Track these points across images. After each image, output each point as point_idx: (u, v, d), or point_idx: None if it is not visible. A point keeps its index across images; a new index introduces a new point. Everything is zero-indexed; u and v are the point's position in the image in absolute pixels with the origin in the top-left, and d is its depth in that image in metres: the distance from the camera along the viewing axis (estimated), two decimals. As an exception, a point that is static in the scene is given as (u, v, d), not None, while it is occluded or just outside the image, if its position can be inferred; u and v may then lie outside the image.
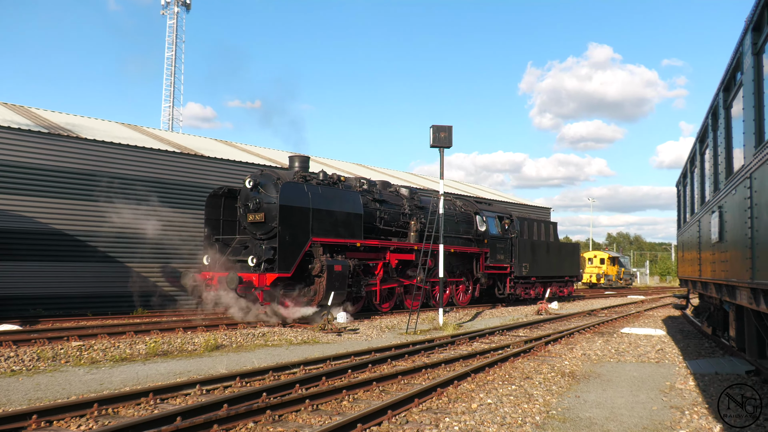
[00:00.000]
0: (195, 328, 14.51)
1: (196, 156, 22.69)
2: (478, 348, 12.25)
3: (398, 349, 11.71)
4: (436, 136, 16.95)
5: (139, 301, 20.54)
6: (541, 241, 28.04)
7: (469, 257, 24.13)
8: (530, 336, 14.27)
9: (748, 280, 5.81)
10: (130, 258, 20.80)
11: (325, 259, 16.70)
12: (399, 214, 20.21)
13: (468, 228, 23.86)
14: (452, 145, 17.01)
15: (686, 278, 13.90)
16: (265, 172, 17.18)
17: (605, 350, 12.28)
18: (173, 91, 59.68)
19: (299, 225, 16.24)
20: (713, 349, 12.39)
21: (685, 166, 13.39)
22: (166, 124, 59.45)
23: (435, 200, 23.18)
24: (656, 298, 34.50)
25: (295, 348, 12.26)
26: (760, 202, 5.27)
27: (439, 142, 16.98)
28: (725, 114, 7.55)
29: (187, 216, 22.21)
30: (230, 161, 23.67)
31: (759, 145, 5.38)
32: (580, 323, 17.95)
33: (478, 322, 18.48)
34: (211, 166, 23.05)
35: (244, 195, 17.04)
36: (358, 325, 16.07)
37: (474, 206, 24.97)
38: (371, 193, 19.59)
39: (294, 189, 16.28)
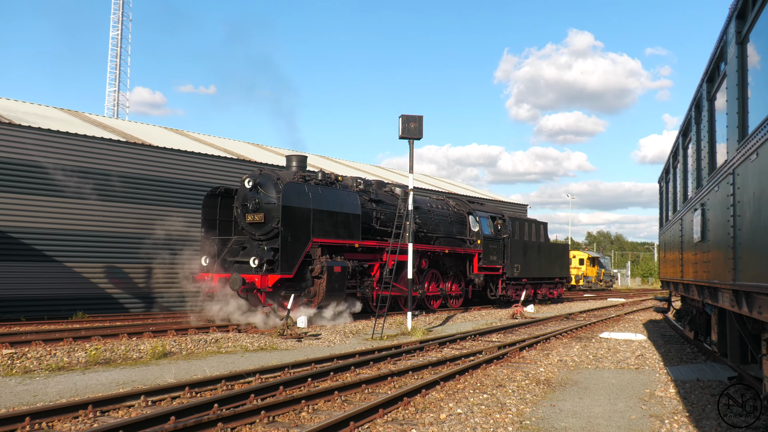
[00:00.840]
0: (141, 333, 14.32)
1: (143, 146, 22.36)
2: (449, 354, 12.33)
3: (363, 355, 11.72)
4: (405, 127, 16.98)
5: (81, 304, 20.18)
6: (532, 241, 29.06)
7: (462, 258, 25.11)
8: (504, 341, 14.41)
9: (730, 281, 5.94)
10: (69, 257, 20.41)
11: (325, 260, 17.60)
12: (394, 215, 20.99)
13: (461, 228, 24.96)
14: (423, 136, 17.07)
15: (668, 280, 14.17)
16: (264, 171, 17.93)
17: (583, 356, 12.46)
18: (119, 74, 58.73)
19: (300, 226, 17.18)
20: (695, 355, 12.67)
21: (668, 161, 13.65)
22: (110, 111, 58.45)
23: (428, 200, 24.77)
24: (637, 301, 35.15)
25: (251, 355, 12.18)
26: (743, 199, 5.39)
27: (408, 133, 17.01)
28: (708, 106, 7.71)
29: (133, 210, 21.88)
30: (181, 152, 23.38)
31: (742, 139, 5.50)
32: (556, 327, 18.19)
33: (449, 326, 18.59)
34: (160, 157, 22.74)
35: (242, 195, 17.86)
36: (320, 330, 16.04)
37: (467, 206, 25.99)
38: (367, 193, 20.56)
39: (295, 189, 17.20)
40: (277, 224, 17.01)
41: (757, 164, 4.85)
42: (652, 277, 79.94)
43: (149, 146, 22.56)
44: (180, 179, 23.34)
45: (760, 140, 4.70)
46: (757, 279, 4.90)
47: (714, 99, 7.49)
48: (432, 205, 24.14)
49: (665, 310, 17.13)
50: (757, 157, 4.84)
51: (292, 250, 16.89)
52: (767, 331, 5.90)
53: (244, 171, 25.05)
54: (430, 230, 23.26)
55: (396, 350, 12.26)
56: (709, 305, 9.61)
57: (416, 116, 17.02)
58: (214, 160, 24.42)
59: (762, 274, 4.74)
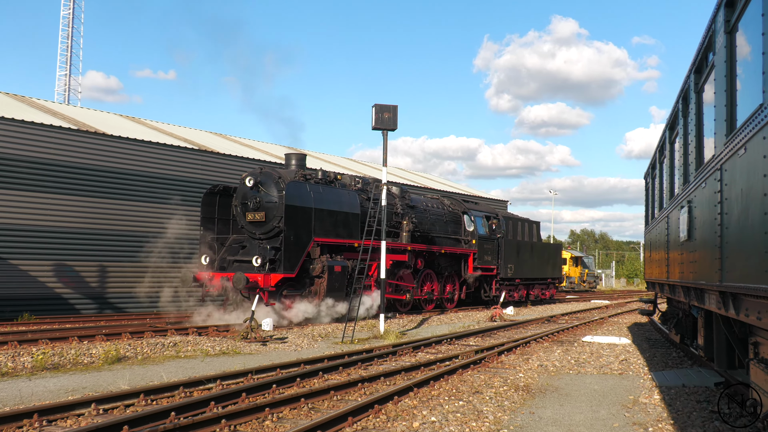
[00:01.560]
0: (93, 337, 14.16)
1: (97, 134, 22.07)
2: (423, 359, 12.38)
3: (332, 360, 11.73)
4: (378, 117, 16.98)
5: (27, 305, 19.89)
6: (525, 241, 30.40)
7: (458, 258, 26.28)
8: (481, 345, 14.51)
9: (716, 282, 6.05)
10: (13, 254, 20.08)
11: (326, 260, 18.68)
12: (392, 214, 22.17)
13: (456, 228, 26.30)
14: (397, 127, 17.09)
15: (654, 281, 14.38)
16: (265, 170, 18.90)
17: (564, 361, 12.59)
18: (70, 56, 57.88)
19: (302, 225, 18.27)
20: (681, 359, 12.87)
21: (654, 156, 13.83)
22: (61, 96, 57.58)
23: (423, 199, 25.88)
24: (622, 303, 35.61)
25: (212, 360, 12.11)
26: (730, 196, 5.49)
27: (382, 124, 17.02)
28: (696, 98, 7.82)
29: (86, 204, 21.61)
30: (138, 141, 23.14)
31: (730, 133, 5.60)
32: (537, 331, 18.35)
33: (424, 329, 18.66)
34: (116, 147, 22.47)
35: (242, 193, 18.83)
36: (287, 333, 16.01)
37: (462, 205, 27.29)
38: (366, 192, 21.47)
39: (298, 188, 18.31)
40: (278, 223, 18.05)
41: (745, 160, 4.94)
42: (637, 278, 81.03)
43: (103, 135, 22.29)
44: (138, 171, 23.13)
45: (749, 134, 4.79)
46: (743, 279, 4.99)
47: (702, 91, 7.61)
48: (428, 205, 25.19)
49: (651, 313, 17.39)
50: (745, 152, 4.92)
51: (294, 250, 17.97)
52: (754, 334, 6.01)
53: (208, 163, 24.90)
54: (426, 230, 24.39)
55: (367, 355, 12.28)
56: (695, 307, 9.77)
57: (390, 106, 17.03)
58: (175, 151, 24.22)
59: (749, 274, 4.83)
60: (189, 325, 16.98)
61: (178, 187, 23.97)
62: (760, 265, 4.45)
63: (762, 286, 4.35)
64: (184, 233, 23.53)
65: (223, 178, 25.12)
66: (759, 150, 4.51)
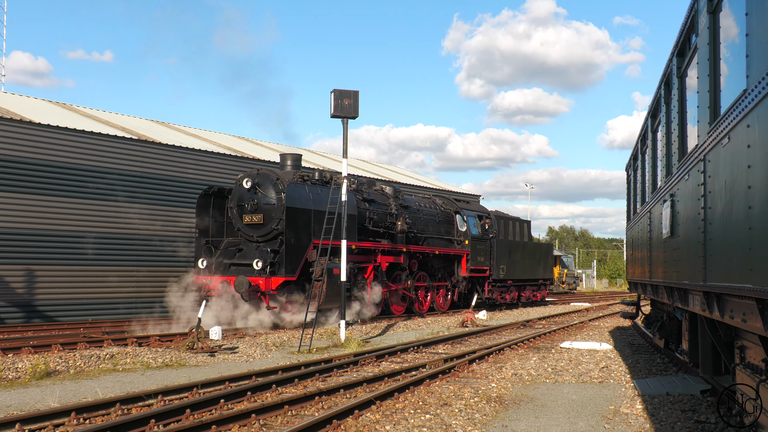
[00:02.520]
0: (19, 349, 13.92)
1: (21, 122, 21.67)
2: (387, 369, 12.40)
3: (287, 371, 11.69)
4: (338, 104, 16.95)
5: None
6: (517, 241, 32.13)
7: (450, 259, 27.89)
8: (451, 353, 14.58)
9: (700, 282, 6.15)
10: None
11: (325, 262, 19.39)
12: (386, 214, 23.81)
13: (449, 228, 27.90)
14: (358, 114, 17.09)
15: (636, 281, 14.59)
16: (263, 171, 20.17)
17: (540, 369, 12.72)
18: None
19: (303, 227, 19.52)
20: (665, 366, 13.08)
21: (636, 146, 14.02)
22: (-17, 80, 56.33)
23: (416, 199, 27.26)
24: (604, 306, 36.07)
25: (154, 373, 11.98)
26: (714, 189, 5.58)
27: (342, 111, 16.99)
28: (679, 84, 7.95)
29: (8, 201, 21.20)
30: (68, 130, 22.76)
31: (714, 121, 5.69)
32: (512, 337, 18.50)
33: (390, 336, 18.70)
34: (42, 136, 22.07)
35: (238, 195, 20.11)
36: (238, 343, 15.92)
37: (454, 205, 28.88)
38: (360, 192, 22.98)
39: (298, 190, 19.61)
40: (276, 225, 19.36)
41: (729, 150, 5.03)
42: (620, 279, 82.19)
43: (29, 123, 21.87)
44: (70, 163, 22.73)
45: (732, 122, 4.87)
46: (728, 279, 5.08)
47: (685, 75, 7.73)
48: (420, 204, 26.72)
49: (633, 316, 17.65)
50: (729, 142, 5.01)
51: (295, 252, 19.20)
52: (740, 337, 6.13)
53: (149, 154, 24.60)
54: (420, 230, 25.89)
55: (326, 365, 12.26)
56: (679, 309, 9.94)
57: (351, 91, 17.01)
58: (111, 141, 23.84)
59: (733, 273, 4.92)
60: (128, 334, 16.79)
61: (117, 182, 23.65)
62: (744, 263, 4.53)
63: (746, 286, 4.44)
64: (130, 232, 23.32)
65: (167, 171, 24.86)
66: (743, 139, 4.59)
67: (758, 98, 4.19)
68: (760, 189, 4.20)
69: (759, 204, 4.22)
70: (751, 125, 4.38)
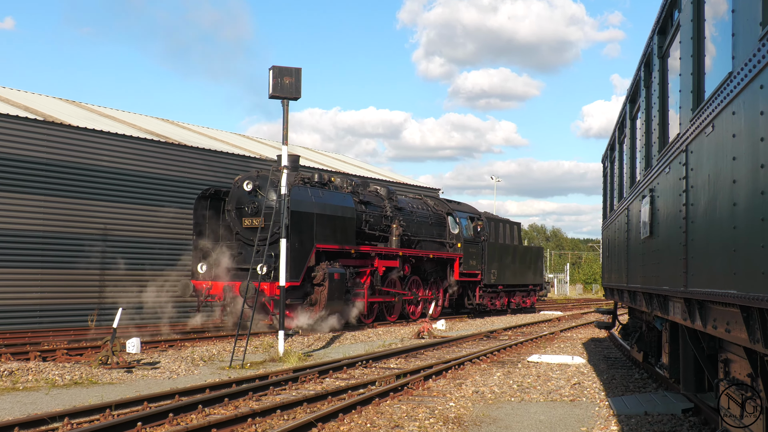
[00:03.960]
0: None
1: None
2: (331, 386, 12.39)
3: (216, 389, 11.61)
4: (277, 83, 16.86)
5: None
6: (507, 244, 34.54)
7: (443, 263, 30.21)
8: (405, 368, 14.63)
9: (681, 288, 6.26)
10: None
11: (326, 267, 21.97)
12: (381, 217, 26.04)
13: (441, 231, 30.26)
14: (301, 95, 17.03)
15: (613, 287, 14.81)
16: (262, 173, 22.23)
17: (505, 386, 12.83)
18: None
19: (306, 231, 21.51)
20: (644, 382, 13.30)
21: (613, 135, 14.23)
22: None
23: (408, 200, 29.62)
24: (577, 315, 36.56)
25: (61, 392, 11.81)
26: (697, 183, 5.68)
27: (281, 92, 16.91)
28: (660, 65, 8.08)
29: None
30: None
31: (697, 107, 5.79)
32: (473, 350, 18.64)
33: (335, 349, 18.70)
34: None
35: (236, 197, 22.23)
36: (160, 357, 15.77)
37: (446, 206, 31.39)
38: (357, 194, 25.06)
39: (302, 193, 21.56)
40: (278, 229, 20.05)
41: (713, 139, 5.12)
42: (597, 284, 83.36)
43: None
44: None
45: (717, 109, 4.96)
46: (710, 284, 5.17)
47: (667, 56, 7.86)
48: (413, 206, 29.09)
49: (609, 326, 17.89)
50: (713, 131, 5.11)
51: (298, 257, 21.10)
52: (724, 350, 6.26)
53: (60, 139, 24.16)
54: (413, 233, 28.05)
55: (261, 382, 12.21)
56: (659, 319, 10.11)
57: (292, 69, 16.92)
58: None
59: (716, 277, 5.01)
60: (31, 348, 16.50)
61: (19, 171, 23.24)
62: (728, 266, 4.62)
63: (730, 292, 4.52)
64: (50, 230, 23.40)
65: (76, 156, 24.48)
66: (728, 128, 4.68)
67: (744, 82, 4.27)
68: (745, 184, 4.28)
69: (744, 200, 4.30)
70: (737, 112, 4.46)
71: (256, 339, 19.75)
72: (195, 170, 27.36)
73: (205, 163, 27.69)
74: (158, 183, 26.19)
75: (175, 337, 20.08)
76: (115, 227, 24.76)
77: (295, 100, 17.11)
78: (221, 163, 28.36)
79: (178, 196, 26.69)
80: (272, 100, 17.17)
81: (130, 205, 25.24)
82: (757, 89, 4.03)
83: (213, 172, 27.75)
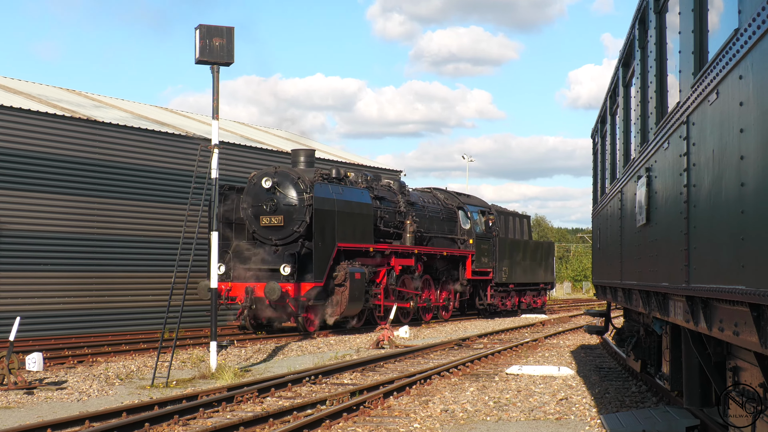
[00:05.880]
0: None
1: None
2: (273, 407, 12.37)
3: (134, 413, 11.55)
4: (205, 45, 16.77)
5: None
6: (518, 240, 37.43)
7: (455, 261, 33.18)
8: (361, 384, 14.63)
9: (683, 284, 6.31)
10: None
11: (347, 266, 24.67)
12: (395, 213, 28.84)
13: (452, 226, 33.26)
14: (234, 60, 16.96)
15: (605, 284, 14.93)
16: (280, 170, 24.87)
17: (479, 403, 12.89)
18: None
19: (328, 230, 24.19)
20: (642, 395, 13.44)
21: (604, 105, 14.32)
22: None
23: (419, 193, 32.53)
24: (565, 318, 36.85)
25: (-56, 419, 11.66)
26: (699, 161, 5.73)
27: (211, 56, 16.83)
28: (657, 21, 8.12)
29: None
30: None
31: (699, 71, 5.83)
32: (442, 361, 18.71)
33: (278, 362, 18.68)
34: None
35: (254, 194, 24.74)
36: (67, 375, 15.63)
37: (456, 199, 34.48)
38: (371, 189, 27.60)
39: (324, 191, 24.28)
40: (298, 228, 23.98)
41: (718, 108, 5.15)
42: (588, 281, 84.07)
43: None
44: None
45: (722, 72, 4.98)
46: (716, 279, 5.21)
47: (665, 10, 7.90)
48: (425, 200, 32.01)
49: (602, 330, 18.04)
50: (718, 98, 5.13)
51: (322, 257, 23.78)
52: (733, 355, 6.32)
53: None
54: (426, 229, 30.88)
55: (189, 403, 12.17)
56: (658, 321, 10.20)
57: (223, 28, 16.84)
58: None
59: (722, 271, 5.04)
60: None
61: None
62: (736, 257, 4.65)
63: (737, 288, 4.55)
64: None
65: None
66: (734, 94, 4.70)
67: (753, 40, 4.26)
68: (755, 160, 4.28)
69: (754, 180, 4.30)
70: (744, 76, 4.47)
71: (184, 352, 19.63)
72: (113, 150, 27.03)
73: (120, 142, 27.32)
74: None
75: (86, 351, 19.90)
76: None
77: (227, 66, 17.04)
78: (136, 141, 27.94)
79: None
80: (200, 65, 17.05)
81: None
82: (767, 49, 4.04)
83: (129, 151, 27.43)
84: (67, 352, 19.73)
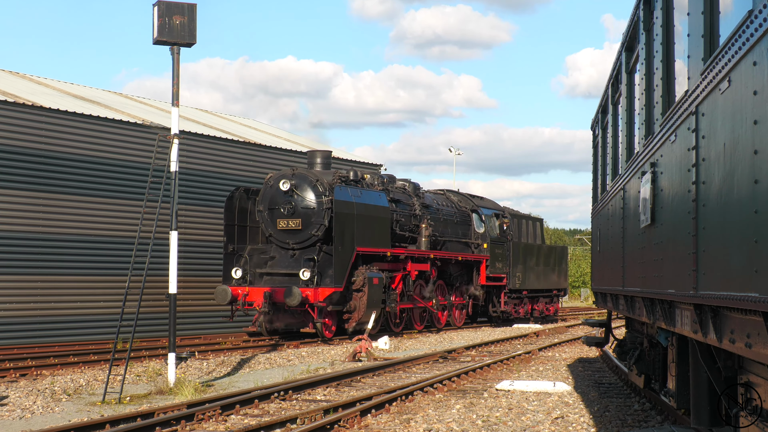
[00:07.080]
0: None
1: None
2: (238, 425, 12.39)
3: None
4: (164, 23, 16.74)
5: None
6: (531, 244, 39.09)
7: (469, 266, 35.36)
8: (336, 401, 14.63)
9: (690, 291, 6.33)
10: None
11: (365, 271, 26.51)
12: (411, 216, 31.04)
13: (466, 230, 35.43)
14: (196, 40, 16.92)
15: (605, 291, 14.97)
16: (298, 172, 26.89)
17: (466, 422, 12.92)
18: None
19: (347, 234, 25.99)
20: (646, 414, 13.50)
21: (605, 94, 14.36)
22: None
23: (432, 196, 34.93)
24: (561, 328, 36.93)
25: None
26: (710, 155, 5.75)
27: (170, 35, 16.82)
28: (664, 2, 8.15)
29: None
30: None
31: (710, 57, 5.85)
32: (426, 375, 18.73)
33: (244, 377, 18.66)
34: None
35: (270, 197, 26.72)
36: (8, 390, 15.58)
37: (469, 202, 36.56)
38: (387, 191, 29.67)
39: (344, 194, 26.05)
40: (316, 231, 25.91)
41: (729, 98, 5.16)
42: (587, 288, 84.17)
43: None
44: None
45: (734, 58, 5.00)
46: (727, 286, 5.22)
47: (673, -10, 7.92)
48: (439, 203, 34.21)
49: (602, 342, 18.09)
50: (730, 87, 5.15)
51: (342, 261, 25.68)
52: (745, 370, 6.35)
53: None
54: (440, 233, 32.94)
55: (144, 421, 12.15)
56: (663, 332, 10.24)
57: (185, 4, 16.82)
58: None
59: (733, 277, 5.06)
60: None
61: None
62: (749, 262, 4.66)
63: (750, 295, 4.56)
64: None
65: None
66: (747, 83, 4.71)
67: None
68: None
69: (767, 177, 4.31)
70: (759, 62, 4.48)
71: (139, 364, 19.58)
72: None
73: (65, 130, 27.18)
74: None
75: (30, 363, 19.81)
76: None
77: (189, 47, 17.01)
78: (86, 129, 27.78)
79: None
80: (158, 46, 17.01)
81: None
82: (784, 33, 4.06)
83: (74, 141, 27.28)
84: (8, 364, 19.63)
